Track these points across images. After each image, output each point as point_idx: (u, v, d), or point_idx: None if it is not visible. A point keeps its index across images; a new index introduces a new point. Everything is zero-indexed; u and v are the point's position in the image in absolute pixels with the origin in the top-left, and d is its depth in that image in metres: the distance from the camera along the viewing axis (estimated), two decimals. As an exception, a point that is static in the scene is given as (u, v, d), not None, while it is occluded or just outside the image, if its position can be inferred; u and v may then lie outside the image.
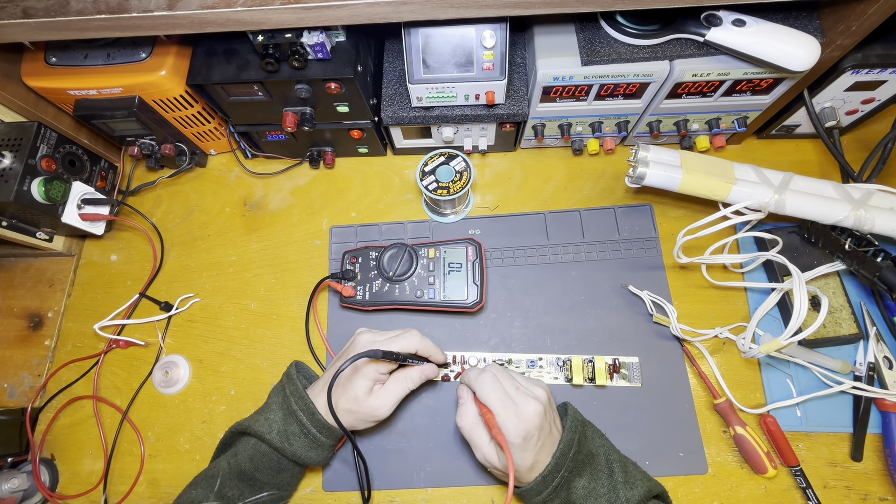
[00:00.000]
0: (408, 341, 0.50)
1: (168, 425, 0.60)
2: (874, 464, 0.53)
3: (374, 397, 0.49)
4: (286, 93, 0.56)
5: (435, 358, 0.53)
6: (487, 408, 0.45)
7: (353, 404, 0.48)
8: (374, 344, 0.50)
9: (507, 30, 0.50)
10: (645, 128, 0.63)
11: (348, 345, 0.52)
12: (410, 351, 0.50)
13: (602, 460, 0.47)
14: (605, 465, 0.47)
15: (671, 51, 0.52)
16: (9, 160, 0.56)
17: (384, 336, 0.51)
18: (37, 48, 0.56)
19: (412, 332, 0.51)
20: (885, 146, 0.58)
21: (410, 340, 0.50)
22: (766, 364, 0.57)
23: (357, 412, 0.48)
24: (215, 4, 0.45)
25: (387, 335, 0.51)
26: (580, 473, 0.45)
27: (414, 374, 0.51)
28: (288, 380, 0.51)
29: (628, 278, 0.60)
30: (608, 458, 0.47)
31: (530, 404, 0.44)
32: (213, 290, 0.65)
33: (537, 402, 0.45)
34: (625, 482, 0.45)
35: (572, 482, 0.45)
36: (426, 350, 0.51)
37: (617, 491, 0.45)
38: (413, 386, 0.51)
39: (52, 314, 0.66)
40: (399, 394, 0.50)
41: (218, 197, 0.70)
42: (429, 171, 0.59)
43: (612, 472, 0.46)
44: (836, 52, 0.49)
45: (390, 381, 0.50)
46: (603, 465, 0.47)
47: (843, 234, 0.54)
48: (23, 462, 0.59)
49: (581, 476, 0.45)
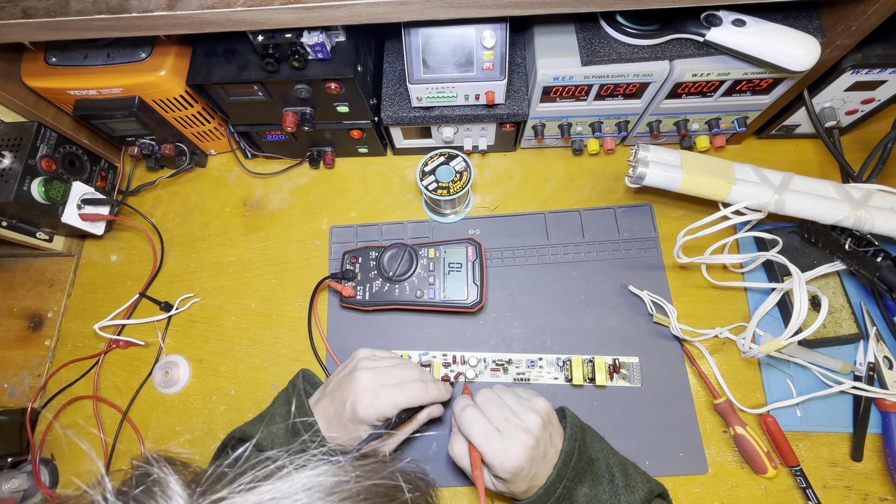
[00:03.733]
0: (412, 395, 0.46)
1: (168, 425, 0.60)
2: (874, 464, 0.53)
3: (378, 442, 0.46)
4: (286, 93, 0.56)
5: (439, 400, 0.49)
6: (472, 445, 0.43)
7: (355, 443, 0.45)
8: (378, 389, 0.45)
9: (507, 30, 0.50)
10: (645, 128, 0.63)
11: (348, 371, 0.48)
12: (415, 405, 0.46)
13: (602, 465, 0.46)
14: (605, 469, 0.46)
15: (671, 51, 0.52)
16: (9, 160, 0.56)
17: (386, 378, 0.46)
18: (37, 48, 0.56)
19: (415, 382, 0.47)
20: (885, 146, 0.58)
21: (414, 395, 0.46)
22: (766, 364, 0.57)
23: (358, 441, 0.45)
24: (215, 4, 0.45)
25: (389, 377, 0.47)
26: (581, 481, 0.44)
27: (421, 419, 0.49)
28: (295, 393, 0.48)
29: (628, 278, 0.60)
30: (608, 462, 0.47)
31: (519, 438, 0.42)
32: (213, 290, 0.65)
33: (527, 435, 0.42)
34: (626, 486, 0.45)
35: (574, 491, 0.43)
36: (430, 399, 0.47)
37: (619, 496, 0.44)
38: (417, 426, 0.49)
39: (52, 314, 0.66)
40: (403, 435, 0.49)
41: (218, 197, 0.70)
42: (429, 171, 0.59)
43: (612, 477, 0.45)
44: (836, 52, 0.49)
45: None
46: (603, 470, 0.46)
47: (843, 234, 0.54)
48: (23, 462, 0.59)
49: (582, 483, 0.44)
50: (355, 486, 0.26)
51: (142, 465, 0.25)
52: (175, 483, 0.24)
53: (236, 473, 0.25)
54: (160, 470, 0.25)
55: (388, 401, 0.45)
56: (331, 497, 0.25)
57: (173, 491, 0.24)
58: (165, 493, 0.24)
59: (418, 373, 0.49)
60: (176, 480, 0.25)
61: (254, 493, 0.24)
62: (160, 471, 0.25)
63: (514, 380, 0.57)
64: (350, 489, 0.25)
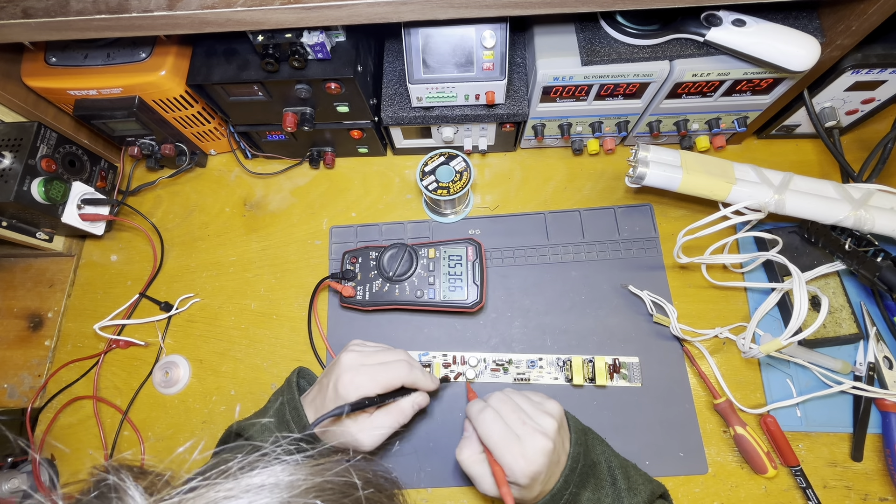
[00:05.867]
0: (394, 373, 0.46)
1: (168, 425, 0.60)
2: (874, 464, 0.53)
3: (360, 429, 0.45)
4: (286, 93, 0.56)
5: (425, 387, 0.49)
6: (493, 460, 0.42)
7: (338, 428, 0.45)
8: (359, 367, 0.46)
9: (507, 30, 0.50)
10: (645, 128, 0.63)
11: (337, 358, 0.49)
12: (396, 384, 0.46)
13: (604, 469, 0.46)
14: (607, 473, 0.46)
15: (671, 51, 0.52)
16: (9, 160, 0.56)
17: (371, 359, 0.47)
18: (37, 48, 0.56)
19: (399, 362, 0.47)
20: (885, 146, 0.58)
21: (397, 373, 0.46)
22: (766, 364, 0.57)
23: (341, 436, 0.45)
24: (215, 4, 0.45)
25: (373, 358, 0.47)
26: (585, 486, 0.44)
27: (406, 407, 0.47)
28: (287, 387, 0.49)
29: (628, 278, 0.60)
30: (609, 465, 0.46)
31: (537, 442, 0.41)
32: (213, 290, 0.65)
33: (545, 439, 0.41)
34: (628, 489, 0.45)
35: (578, 497, 0.43)
36: (414, 382, 0.47)
37: (621, 499, 0.44)
38: (405, 420, 0.47)
39: (52, 314, 0.66)
40: (387, 428, 0.46)
41: (218, 197, 0.70)
42: (429, 171, 0.59)
43: (614, 480, 0.45)
44: (836, 52, 0.49)
45: (380, 412, 0.46)
46: (605, 473, 0.45)
47: (843, 234, 0.54)
48: (23, 462, 0.59)
49: (586, 488, 0.44)
50: (305, 482, 0.25)
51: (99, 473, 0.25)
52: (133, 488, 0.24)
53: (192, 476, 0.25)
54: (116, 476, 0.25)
55: (368, 377, 0.45)
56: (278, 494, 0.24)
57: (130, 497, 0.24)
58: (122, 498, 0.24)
59: (405, 355, 0.49)
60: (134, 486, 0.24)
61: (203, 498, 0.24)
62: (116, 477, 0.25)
63: (514, 380, 0.57)
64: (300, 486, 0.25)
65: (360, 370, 0.45)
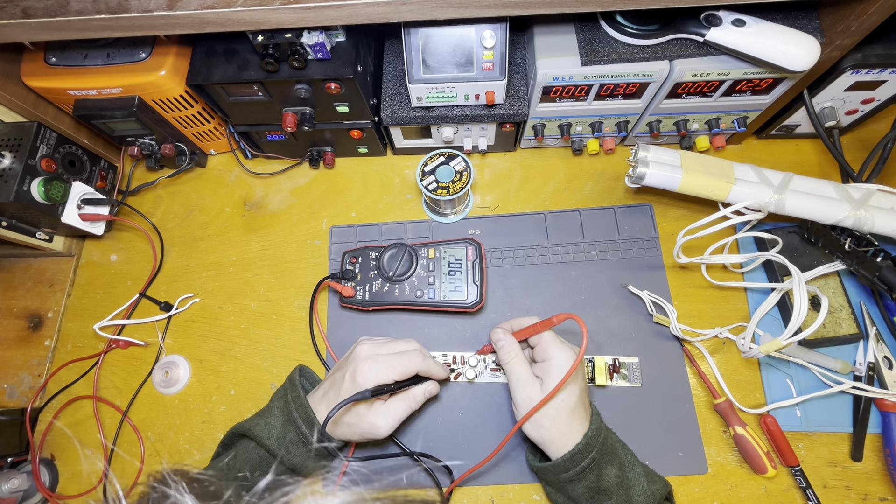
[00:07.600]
0: (409, 361, 0.48)
1: (168, 425, 0.60)
2: (874, 464, 0.53)
3: (376, 414, 0.47)
4: (286, 93, 0.56)
5: (437, 376, 0.52)
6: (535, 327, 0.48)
7: (353, 417, 0.47)
8: (376, 357, 0.48)
9: (506, 30, 0.50)
10: (645, 128, 0.63)
11: (348, 354, 0.51)
12: (411, 372, 0.48)
13: (622, 455, 0.48)
14: (626, 459, 0.48)
15: (671, 51, 0.52)
16: (9, 160, 0.56)
17: (385, 349, 0.49)
18: (37, 48, 0.56)
19: (414, 351, 0.49)
20: (885, 146, 0.58)
21: (412, 361, 0.48)
22: (766, 364, 0.57)
23: (357, 426, 0.47)
24: (215, 4, 0.45)
25: (387, 348, 0.49)
26: (611, 462, 0.46)
27: (418, 394, 0.50)
28: (290, 385, 0.50)
29: (628, 278, 0.60)
30: (625, 452, 0.49)
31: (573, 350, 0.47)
32: (213, 290, 0.65)
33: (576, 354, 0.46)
34: (645, 475, 0.47)
35: (604, 469, 0.45)
36: (427, 370, 0.50)
37: (642, 483, 0.46)
38: (416, 406, 0.50)
39: (52, 314, 0.66)
40: (401, 414, 0.48)
41: (218, 197, 0.70)
42: (429, 171, 0.59)
43: (633, 466, 0.48)
44: (835, 52, 0.49)
45: (393, 399, 0.49)
46: (625, 459, 0.48)
47: (843, 234, 0.54)
48: (23, 462, 0.59)
49: (612, 465, 0.45)
50: None
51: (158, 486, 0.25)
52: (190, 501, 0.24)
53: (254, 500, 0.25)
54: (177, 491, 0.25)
55: (385, 365, 0.47)
56: None
57: None
58: None
59: (417, 345, 0.51)
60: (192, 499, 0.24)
61: None
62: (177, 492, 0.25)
63: (514, 380, 0.57)
64: None
65: (377, 359, 0.47)
